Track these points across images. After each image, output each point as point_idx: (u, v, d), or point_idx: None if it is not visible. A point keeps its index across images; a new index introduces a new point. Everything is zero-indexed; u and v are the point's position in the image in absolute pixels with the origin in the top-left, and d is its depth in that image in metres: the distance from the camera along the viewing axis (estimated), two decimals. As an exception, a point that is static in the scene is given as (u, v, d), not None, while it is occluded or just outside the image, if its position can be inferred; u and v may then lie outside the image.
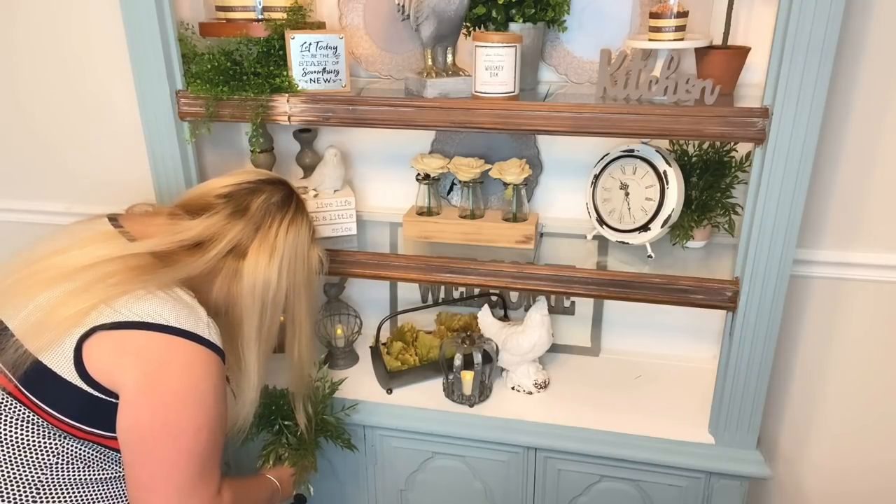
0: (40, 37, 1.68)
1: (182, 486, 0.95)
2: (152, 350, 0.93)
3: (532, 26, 1.34)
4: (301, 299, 1.18)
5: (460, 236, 1.49)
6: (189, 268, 1.02)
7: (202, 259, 1.03)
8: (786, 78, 1.09)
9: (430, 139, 1.61)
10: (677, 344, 1.66)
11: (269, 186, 1.15)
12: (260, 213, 1.11)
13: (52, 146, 1.80)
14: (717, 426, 1.37)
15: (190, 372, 0.95)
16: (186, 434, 0.94)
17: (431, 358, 1.60)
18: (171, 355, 0.94)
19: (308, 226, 1.18)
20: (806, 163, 1.13)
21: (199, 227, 1.05)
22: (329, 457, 1.57)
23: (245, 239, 1.08)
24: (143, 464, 0.93)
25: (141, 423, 0.92)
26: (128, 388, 0.92)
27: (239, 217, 1.09)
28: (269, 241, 1.10)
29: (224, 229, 1.07)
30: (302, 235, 1.16)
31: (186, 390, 0.94)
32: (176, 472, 0.94)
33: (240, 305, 1.09)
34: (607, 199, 1.43)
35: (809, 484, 1.72)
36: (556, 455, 1.44)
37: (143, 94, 1.38)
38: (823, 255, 1.50)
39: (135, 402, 0.92)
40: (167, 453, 0.93)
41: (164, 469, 0.93)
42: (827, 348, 1.58)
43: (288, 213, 1.14)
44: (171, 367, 0.94)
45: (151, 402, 0.92)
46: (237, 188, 1.12)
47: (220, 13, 1.40)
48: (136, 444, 0.93)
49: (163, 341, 0.93)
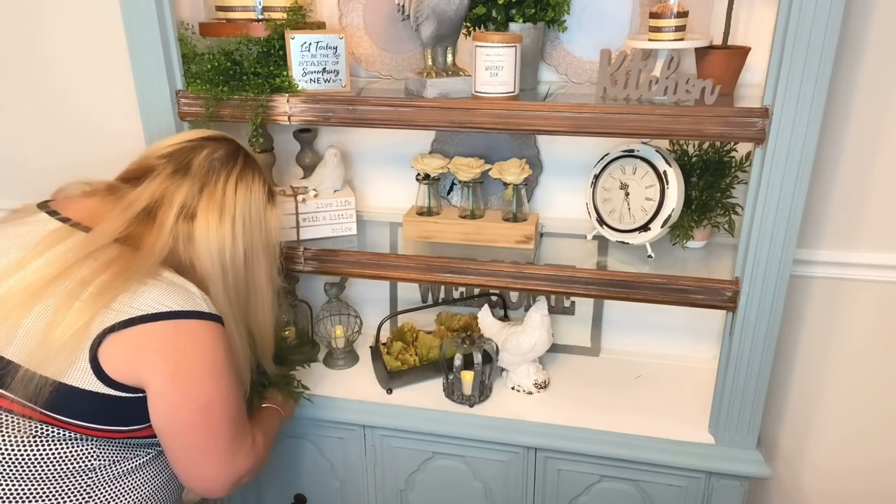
0: (39, 37, 1.69)
1: (226, 449, 1.02)
2: (166, 340, 0.95)
3: (532, 26, 1.34)
4: (259, 262, 1.12)
5: (460, 236, 1.49)
6: (157, 246, 0.99)
7: (161, 232, 1.00)
8: (786, 78, 1.09)
9: (430, 139, 1.61)
10: (677, 344, 1.66)
11: (212, 143, 1.10)
12: (203, 171, 1.05)
13: (49, 146, 1.80)
14: (717, 426, 1.37)
15: (204, 349, 0.98)
16: (217, 405, 0.99)
17: (431, 358, 1.60)
18: (184, 339, 0.96)
19: (261, 184, 1.12)
20: (806, 163, 1.13)
21: (143, 193, 1.02)
22: (329, 457, 1.57)
23: (191, 199, 1.04)
24: (185, 443, 0.99)
25: (175, 409, 0.96)
26: (154, 381, 0.94)
27: (182, 176, 1.04)
28: (217, 199, 1.05)
29: (168, 191, 1.03)
30: (255, 193, 1.10)
31: (207, 367, 0.98)
32: (218, 440, 1.01)
33: (200, 270, 1.05)
34: (607, 199, 1.43)
35: (809, 484, 1.72)
36: (556, 455, 1.44)
37: (143, 94, 1.37)
38: (823, 255, 1.50)
39: (164, 392, 0.95)
40: (206, 427, 0.99)
41: (206, 441, 1.00)
42: (827, 348, 1.58)
43: (234, 168, 1.09)
44: (187, 351, 0.96)
45: (179, 388, 0.96)
46: (178, 147, 1.08)
47: (220, 13, 1.40)
48: (174, 428, 0.97)
49: (172, 328, 0.95)
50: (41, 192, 1.72)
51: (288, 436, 1.57)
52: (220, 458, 1.02)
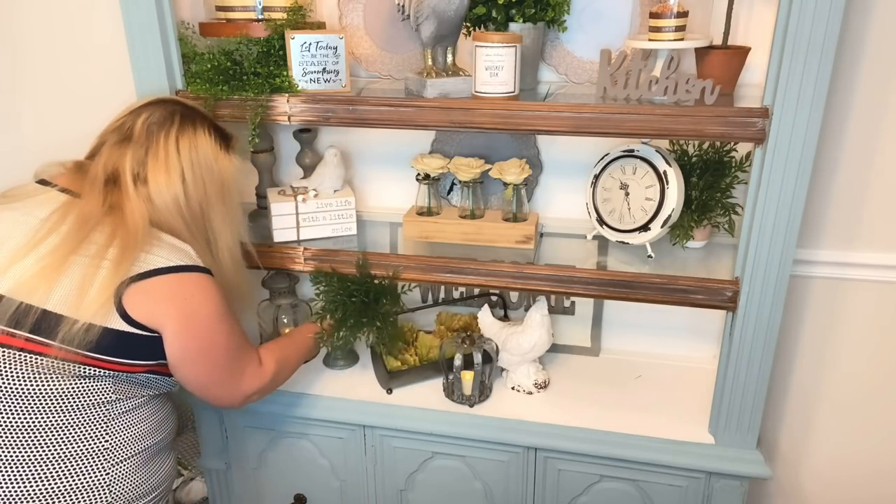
0: (37, 38, 1.69)
1: (233, 372, 1.22)
2: (175, 290, 1.10)
3: (532, 26, 1.34)
4: (215, 210, 1.20)
5: (460, 236, 1.49)
6: (136, 214, 1.10)
7: (129, 198, 1.11)
8: (786, 78, 1.09)
9: (430, 139, 1.61)
10: (677, 344, 1.66)
11: (149, 107, 1.17)
12: (143, 135, 1.14)
13: (45, 145, 1.80)
14: (717, 426, 1.37)
15: (207, 297, 1.13)
16: (223, 341, 1.17)
17: (431, 358, 1.60)
18: (191, 289, 1.12)
19: (206, 134, 1.19)
20: (806, 163, 1.13)
21: (97, 166, 1.12)
22: (329, 457, 1.57)
23: (138, 164, 1.13)
24: (199, 374, 1.17)
25: (189, 348, 1.13)
26: (169, 326, 1.10)
27: (126, 144, 1.14)
28: (161, 160, 1.13)
29: (119, 160, 1.13)
30: (201, 146, 1.17)
31: (212, 312, 1.14)
32: (225, 366, 1.20)
33: (167, 226, 1.15)
34: (607, 199, 1.43)
35: (809, 484, 1.72)
36: (556, 455, 1.44)
37: (143, 93, 1.37)
38: (823, 255, 1.50)
39: (179, 335, 1.11)
40: (215, 360, 1.17)
41: (217, 370, 1.19)
42: (827, 348, 1.58)
43: (172, 127, 1.16)
44: (195, 299, 1.12)
45: (192, 331, 1.12)
46: (122, 118, 1.17)
47: (220, 13, 1.41)
48: (188, 364, 1.15)
49: (178, 280, 1.10)
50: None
51: (288, 436, 1.57)
52: (228, 381, 1.22)
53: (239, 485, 1.66)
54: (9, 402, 1.03)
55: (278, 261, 1.48)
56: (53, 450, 1.06)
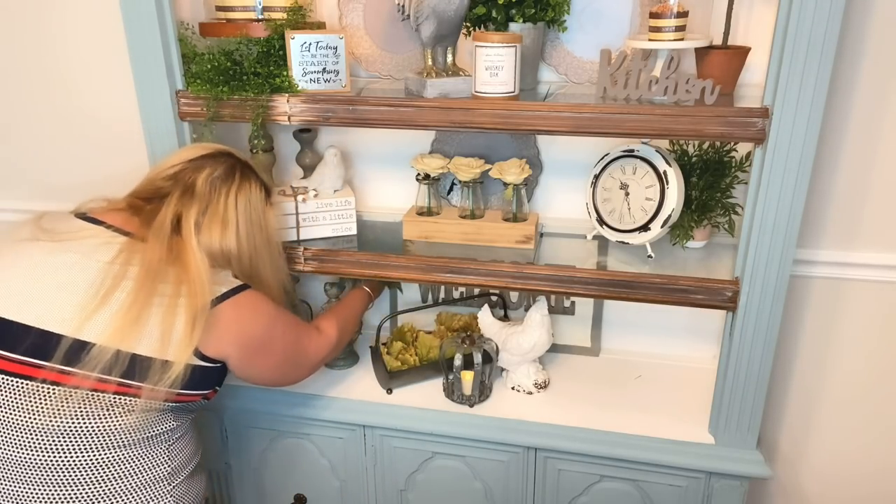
0: (42, 37, 1.69)
1: (298, 355, 1.30)
2: (230, 319, 1.14)
3: (532, 26, 1.34)
4: (264, 260, 1.26)
5: (460, 236, 1.49)
6: (200, 264, 1.13)
7: (191, 248, 1.14)
8: (786, 78, 1.09)
9: (430, 139, 1.61)
10: (677, 344, 1.66)
11: (211, 160, 1.23)
12: (206, 190, 1.19)
13: (47, 146, 1.80)
14: (717, 426, 1.37)
15: (256, 311, 1.19)
16: (280, 342, 1.24)
17: (431, 358, 1.60)
18: (240, 312, 1.16)
19: (258, 189, 1.26)
20: (806, 163, 1.13)
21: (165, 216, 1.15)
22: (329, 457, 1.57)
23: (199, 216, 1.18)
24: (268, 377, 1.27)
25: (255, 364, 1.21)
26: (233, 356, 1.16)
27: (190, 197, 1.18)
28: (220, 214, 1.19)
29: (185, 212, 1.17)
30: (254, 202, 1.24)
31: (265, 323, 1.20)
32: (290, 358, 1.28)
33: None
34: (607, 199, 1.43)
35: (809, 484, 1.72)
36: (556, 455, 1.44)
37: (143, 94, 1.37)
38: (823, 255, 1.50)
39: (243, 360, 1.17)
40: (280, 359, 1.26)
41: (284, 364, 1.27)
42: (827, 348, 1.58)
43: (233, 184, 1.21)
44: (246, 321, 1.17)
45: (253, 352, 1.19)
46: (181, 168, 1.21)
47: (220, 13, 1.40)
48: (258, 373, 1.24)
49: (228, 308, 1.14)
50: (46, 190, 1.73)
51: (288, 436, 1.57)
52: (294, 367, 1.31)
53: (239, 485, 1.66)
54: (90, 440, 1.07)
55: (278, 261, 1.48)
56: (129, 481, 1.11)
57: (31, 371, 1.03)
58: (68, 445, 1.06)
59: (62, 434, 1.05)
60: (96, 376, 1.03)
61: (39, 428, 1.05)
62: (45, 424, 1.04)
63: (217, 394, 1.22)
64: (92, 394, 1.05)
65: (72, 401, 1.04)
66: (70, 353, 1.02)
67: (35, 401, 1.04)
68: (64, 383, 1.03)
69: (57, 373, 1.03)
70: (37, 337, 1.03)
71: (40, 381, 1.03)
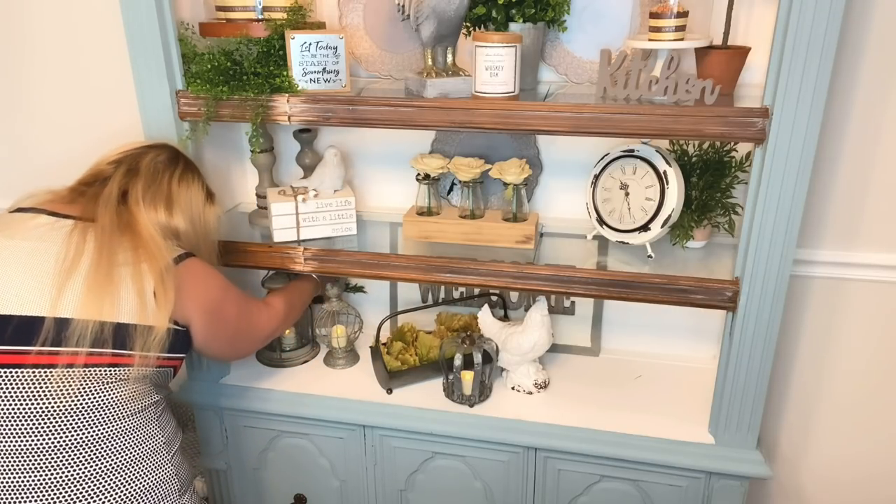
0: (41, 36, 1.69)
1: (250, 327, 1.35)
2: (188, 282, 1.17)
3: (532, 26, 1.34)
4: (201, 251, 1.29)
5: (460, 236, 1.49)
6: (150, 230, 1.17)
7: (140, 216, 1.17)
8: (786, 78, 1.09)
9: (430, 139, 1.61)
10: (677, 344, 1.66)
11: (156, 149, 1.27)
12: (151, 170, 1.23)
13: (47, 146, 1.80)
14: (717, 426, 1.37)
15: (209, 277, 1.23)
16: (234, 310, 1.29)
17: (431, 358, 1.60)
18: (196, 277, 1.20)
19: (200, 185, 1.30)
20: (806, 163, 1.13)
21: (111, 189, 1.18)
22: (329, 457, 1.57)
23: (144, 192, 1.20)
24: (224, 347, 1.31)
25: (215, 334, 1.25)
26: (195, 320, 1.19)
27: (134, 175, 1.21)
28: (164, 194, 1.23)
29: (130, 186, 1.20)
30: (195, 193, 1.28)
31: (219, 289, 1.25)
32: (243, 329, 1.33)
33: None
34: (607, 199, 1.43)
35: (809, 484, 1.72)
36: (556, 455, 1.44)
37: (143, 94, 1.38)
38: (823, 255, 1.50)
39: (206, 326, 1.21)
40: (234, 330, 1.31)
41: (238, 336, 1.33)
42: (827, 348, 1.58)
43: (177, 169, 1.26)
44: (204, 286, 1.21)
45: (213, 319, 1.23)
46: (124, 155, 1.25)
47: (220, 13, 1.40)
48: (215, 343, 1.26)
49: (184, 270, 1.17)
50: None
51: (288, 436, 1.57)
52: (247, 338, 1.37)
53: (239, 485, 1.66)
54: (93, 416, 1.10)
55: (278, 261, 1.48)
56: (131, 452, 1.15)
57: (17, 359, 1.05)
58: (71, 424, 1.08)
59: (64, 414, 1.07)
60: (87, 350, 1.05)
61: (39, 413, 1.06)
62: (45, 408, 1.06)
63: (181, 365, 1.24)
64: (87, 370, 1.07)
65: (72, 380, 1.06)
66: (53, 332, 1.04)
67: (29, 387, 1.05)
68: (56, 364, 1.05)
69: (46, 355, 1.04)
70: (18, 324, 1.04)
71: (31, 366, 1.05)
